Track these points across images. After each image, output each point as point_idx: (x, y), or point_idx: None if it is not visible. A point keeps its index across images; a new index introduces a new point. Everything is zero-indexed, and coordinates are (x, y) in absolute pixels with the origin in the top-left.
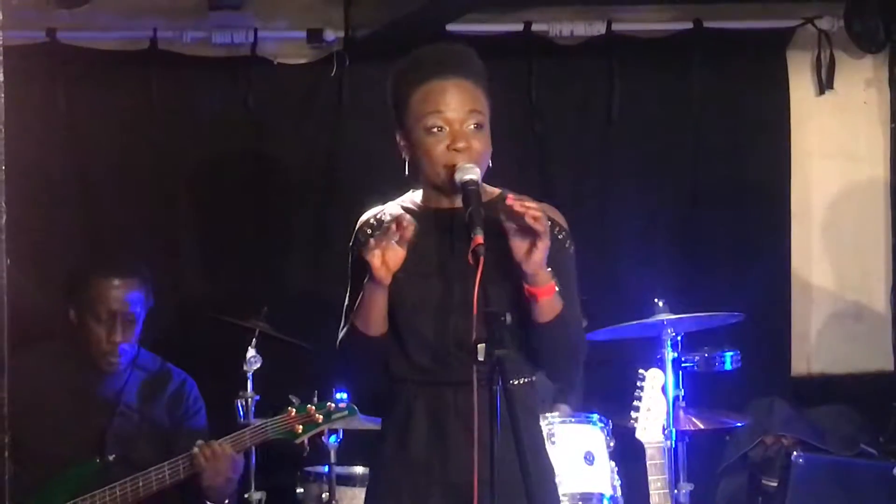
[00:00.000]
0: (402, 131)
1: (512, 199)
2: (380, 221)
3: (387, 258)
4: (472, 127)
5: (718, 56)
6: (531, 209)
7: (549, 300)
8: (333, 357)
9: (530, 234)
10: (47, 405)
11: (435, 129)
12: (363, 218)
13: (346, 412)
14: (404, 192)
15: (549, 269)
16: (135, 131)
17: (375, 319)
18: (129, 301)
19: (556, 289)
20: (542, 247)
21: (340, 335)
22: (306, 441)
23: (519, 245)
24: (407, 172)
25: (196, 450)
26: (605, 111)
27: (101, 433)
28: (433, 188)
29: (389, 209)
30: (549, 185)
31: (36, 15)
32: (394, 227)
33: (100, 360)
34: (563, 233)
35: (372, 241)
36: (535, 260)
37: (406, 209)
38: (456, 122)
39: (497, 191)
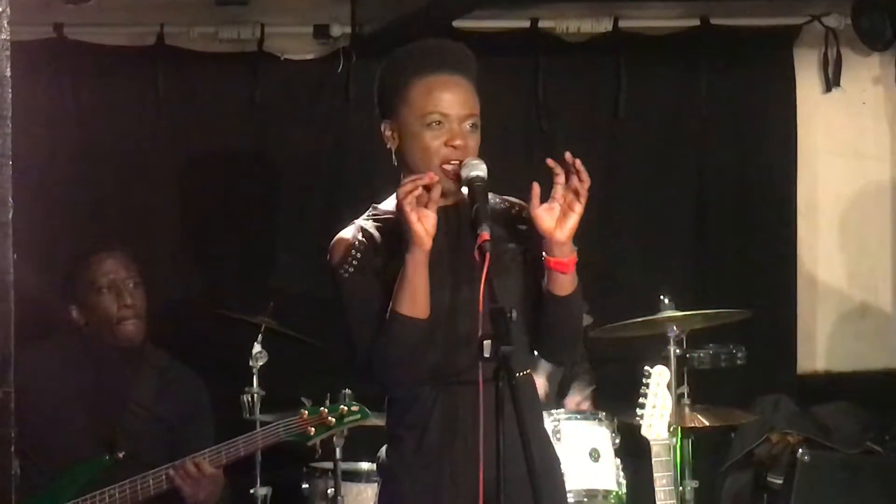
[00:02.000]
0: (394, 121)
1: (552, 162)
2: (369, 235)
3: (423, 223)
4: (468, 126)
5: (725, 53)
6: (578, 165)
7: (572, 272)
8: (363, 378)
9: (565, 200)
10: (56, 401)
11: (434, 124)
12: (344, 237)
13: (359, 415)
14: None
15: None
16: (141, 127)
17: (422, 296)
18: (124, 268)
19: (577, 260)
20: (579, 212)
21: (371, 348)
22: (318, 443)
23: (545, 216)
24: (395, 162)
25: (171, 470)
26: (611, 108)
27: (111, 430)
28: None
29: (366, 226)
30: None
31: (43, 11)
32: (426, 178)
33: (117, 328)
34: None
35: (409, 184)
36: (569, 226)
37: (389, 221)
38: (455, 119)
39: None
